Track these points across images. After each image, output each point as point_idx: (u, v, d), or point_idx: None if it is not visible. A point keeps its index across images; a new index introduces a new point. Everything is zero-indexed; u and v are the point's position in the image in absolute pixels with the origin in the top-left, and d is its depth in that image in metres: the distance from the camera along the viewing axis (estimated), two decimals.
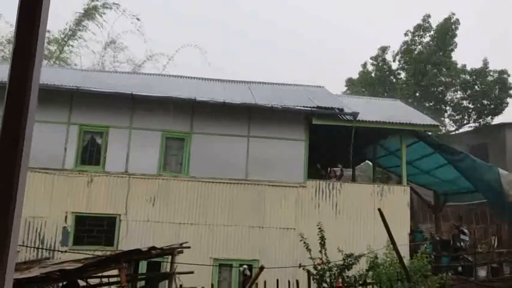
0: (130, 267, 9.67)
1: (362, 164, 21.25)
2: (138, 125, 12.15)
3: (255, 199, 12.13)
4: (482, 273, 11.98)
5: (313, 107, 12.26)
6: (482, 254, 13.04)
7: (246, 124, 12.61)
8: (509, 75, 22.36)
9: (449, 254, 12.56)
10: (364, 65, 26.73)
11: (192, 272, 9.30)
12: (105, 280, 9.30)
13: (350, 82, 27.02)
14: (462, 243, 13.14)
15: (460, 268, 12.28)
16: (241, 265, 11.17)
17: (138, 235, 11.39)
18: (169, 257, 9.45)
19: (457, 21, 23.29)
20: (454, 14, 23.47)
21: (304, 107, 12.31)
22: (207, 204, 11.90)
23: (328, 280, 9.69)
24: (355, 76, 27.44)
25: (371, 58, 26.31)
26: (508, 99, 22.52)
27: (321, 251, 9.66)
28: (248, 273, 10.75)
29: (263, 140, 12.54)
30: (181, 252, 9.33)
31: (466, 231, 13.55)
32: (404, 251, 11.14)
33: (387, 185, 13.39)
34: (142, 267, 10.91)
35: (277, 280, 10.26)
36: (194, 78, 15.87)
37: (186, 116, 12.35)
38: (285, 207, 12.25)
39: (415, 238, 13.33)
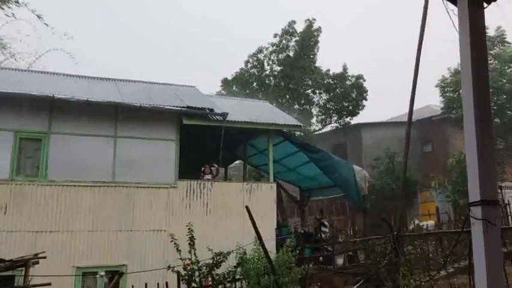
0: None
1: (237, 162, 21.85)
2: None
3: (123, 202, 11.64)
4: (340, 261, 13.09)
5: (183, 107, 12.17)
6: (341, 244, 14.24)
7: (112, 124, 12.02)
8: (364, 80, 24.81)
9: (312, 246, 13.49)
10: (246, 63, 27.21)
11: (49, 284, 8.55)
12: None
13: (225, 82, 27.42)
14: (323, 235, 14.22)
15: (321, 258, 13.25)
16: (106, 272, 10.64)
17: None
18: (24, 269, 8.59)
19: (319, 29, 25.10)
20: (315, 19, 25.23)
21: (174, 106, 12.16)
22: (69, 209, 11.07)
23: (197, 280, 9.72)
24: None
25: (249, 57, 26.95)
26: (364, 102, 24.93)
27: (190, 251, 9.64)
28: (106, 280, 10.31)
29: (131, 141, 12.08)
30: (37, 263, 8.53)
31: (326, 223, 14.69)
32: (271, 245, 11.65)
33: (255, 183, 13.86)
34: None
35: (146, 284, 9.98)
36: (57, 74, 14.70)
37: (43, 115, 11.32)
38: (155, 209, 11.96)
39: (281, 232, 14.06)
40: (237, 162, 21.98)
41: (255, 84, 26.26)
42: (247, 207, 9.84)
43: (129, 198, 11.71)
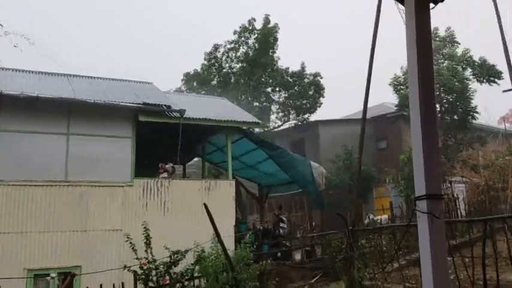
0: None
1: (197, 160, 21.68)
2: None
3: (77, 201, 11.30)
4: (298, 256, 13.27)
5: (139, 104, 11.94)
6: (299, 239, 14.43)
7: (65, 121, 11.63)
8: (322, 78, 25.20)
9: (270, 242, 13.61)
10: (209, 59, 26.92)
11: None
12: None
13: (187, 78, 27.08)
14: (281, 231, 14.37)
15: (279, 254, 13.38)
16: (60, 273, 10.30)
17: None
18: None
19: (277, 26, 25.25)
20: (269, 15, 25.36)
21: (129, 103, 11.90)
22: (19, 210, 10.63)
23: (154, 279, 9.58)
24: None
25: (205, 54, 26.73)
26: (321, 99, 25.35)
27: (146, 251, 9.49)
28: (58, 282, 9.99)
29: (85, 138, 11.73)
30: None
31: (284, 219, 14.86)
32: (230, 242, 11.66)
33: (214, 180, 13.82)
34: None
35: (101, 285, 9.74)
36: (5, 69, 14.04)
37: None
38: (110, 208, 11.69)
39: (240, 229, 14.09)
40: (196, 159, 21.83)
41: (215, 81, 26.13)
42: (205, 205, 9.80)
43: (83, 197, 11.38)
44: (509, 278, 7.67)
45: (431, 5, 3.72)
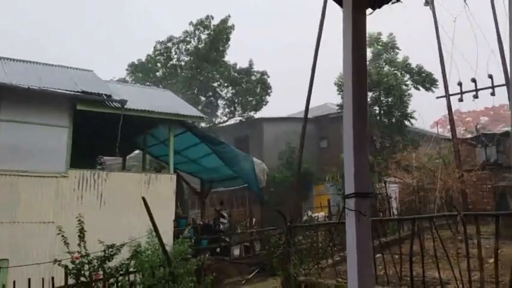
0: None
1: (138, 152, 21.17)
2: None
3: (6, 191, 10.69)
4: (236, 251, 13.34)
5: (78, 92, 11.47)
6: (239, 235, 14.51)
7: None
8: (269, 76, 25.46)
9: (209, 237, 13.58)
10: (160, 49, 26.32)
11: None
12: None
13: (132, 68, 26.33)
14: (221, 226, 14.37)
15: (218, 249, 13.38)
16: None
17: None
18: None
19: (233, 26, 25.24)
20: (229, 16, 25.33)
21: (67, 90, 11.39)
22: None
23: (87, 274, 9.26)
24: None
25: (157, 42, 26.16)
26: (268, 98, 25.61)
27: (79, 244, 9.15)
28: None
29: (17, 125, 11.10)
30: None
31: (225, 214, 14.88)
32: (169, 237, 11.52)
33: (154, 174, 13.57)
34: None
35: (29, 279, 9.28)
36: None
37: None
38: (43, 200, 11.15)
39: (180, 224, 13.94)
40: (137, 152, 21.32)
41: (160, 72, 25.65)
42: (143, 199, 9.62)
43: (12, 187, 10.79)
44: (435, 275, 8.12)
45: (370, 10, 3.86)
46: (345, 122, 3.29)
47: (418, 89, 23.36)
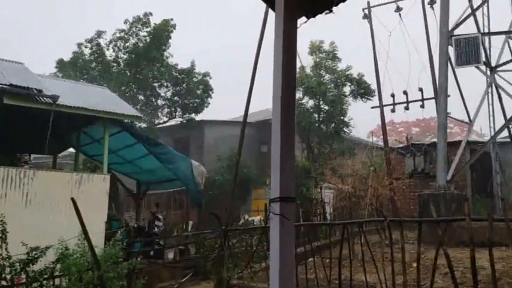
0: None
1: (72, 150, 20.28)
2: None
3: None
4: (170, 255, 13.12)
5: (5, 84, 10.80)
6: (174, 238, 14.28)
7: None
8: (211, 78, 25.34)
9: (143, 240, 13.26)
10: (79, 47, 25.39)
11: None
12: None
13: (61, 64, 25.19)
14: (156, 229, 14.08)
15: (152, 252, 13.10)
16: None
17: None
18: None
19: (175, 26, 24.88)
20: (172, 19, 24.97)
21: None
22: None
23: (8, 277, 8.73)
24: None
25: (85, 41, 25.24)
26: (209, 99, 25.48)
27: (1, 246, 8.61)
28: None
29: None
30: None
31: (160, 217, 14.59)
32: (100, 239, 11.13)
33: (87, 174, 13.06)
34: None
35: None
36: None
37: None
38: None
39: (112, 226, 13.50)
40: (72, 150, 20.43)
41: (96, 69, 24.77)
42: (73, 200, 9.21)
43: None
44: (362, 279, 8.42)
45: (304, 18, 3.95)
46: (273, 129, 3.34)
47: (357, 99, 24.28)
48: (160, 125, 25.64)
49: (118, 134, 13.73)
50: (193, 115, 25.60)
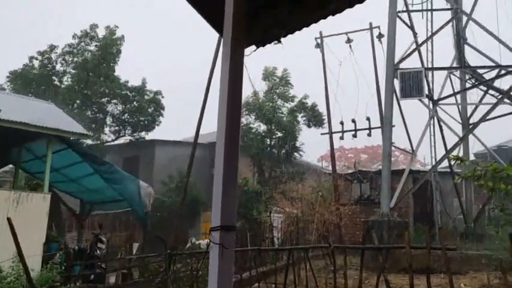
0: None
1: (12, 167, 19.28)
2: None
3: None
4: (112, 279, 12.59)
5: None
6: (117, 261, 13.73)
7: None
8: (163, 97, 25.06)
9: (83, 263, 12.67)
10: (30, 59, 24.44)
11: None
12: None
13: (14, 75, 24.10)
14: (98, 251, 13.51)
15: (92, 276, 12.53)
16: None
17: None
18: None
19: (122, 38, 24.45)
20: (117, 27, 24.53)
21: None
22: None
23: None
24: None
25: (37, 53, 24.35)
26: (161, 118, 25.10)
27: None
28: None
29: None
30: None
31: (103, 239, 14.02)
32: (37, 262, 10.58)
33: (26, 192, 12.44)
34: None
35: None
36: None
37: None
38: None
39: (51, 248, 12.83)
40: (11, 166, 19.42)
41: (44, 84, 23.89)
42: (9, 220, 8.71)
43: None
44: None
45: (254, 47, 4.02)
46: (216, 156, 3.33)
47: (309, 126, 24.86)
48: (109, 143, 24.90)
49: (62, 152, 13.22)
50: (143, 134, 25.08)
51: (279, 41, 4.11)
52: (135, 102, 24.31)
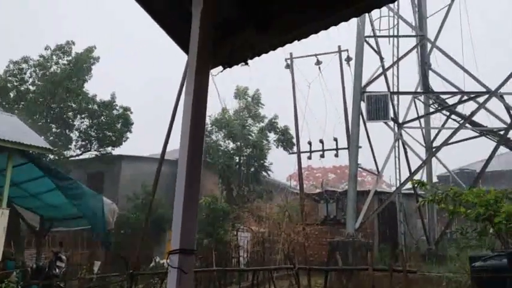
0: None
1: None
2: None
3: None
4: None
5: None
6: (77, 280, 13.29)
7: None
8: (132, 112, 24.70)
9: (41, 282, 12.17)
10: (13, 69, 23.75)
11: None
12: None
13: None
14: (57, 270, 13.02)
15: None
16: None
17: None
18: None
19: (98, 58, 24.21)
20: (95, 47, 24.27)
21: None
22: None
23: None
24: None
25: (10, 62, 23.70)
26: (129, 134, 24.69)
27: None
28: None
29: None
30: None
31: (63, 257, 13.54)
32: None
33: None
34: None
35: None
36: None
37: None
38: None
39: (7, 267, 12.28)
40: None
41: (11, 95, 23.25)
42: None
43: None
44: None
45: (220, 68, 4.03)
46: (178, 176, 3.28)
47: (279, 146, 25.05)
48: (74, 158, 24.25)
49: (23, 166, 12.78)
50: (110, 149, 24.56)
51: (246, 63, 4.13)
52: (103, 117, 23.86)
